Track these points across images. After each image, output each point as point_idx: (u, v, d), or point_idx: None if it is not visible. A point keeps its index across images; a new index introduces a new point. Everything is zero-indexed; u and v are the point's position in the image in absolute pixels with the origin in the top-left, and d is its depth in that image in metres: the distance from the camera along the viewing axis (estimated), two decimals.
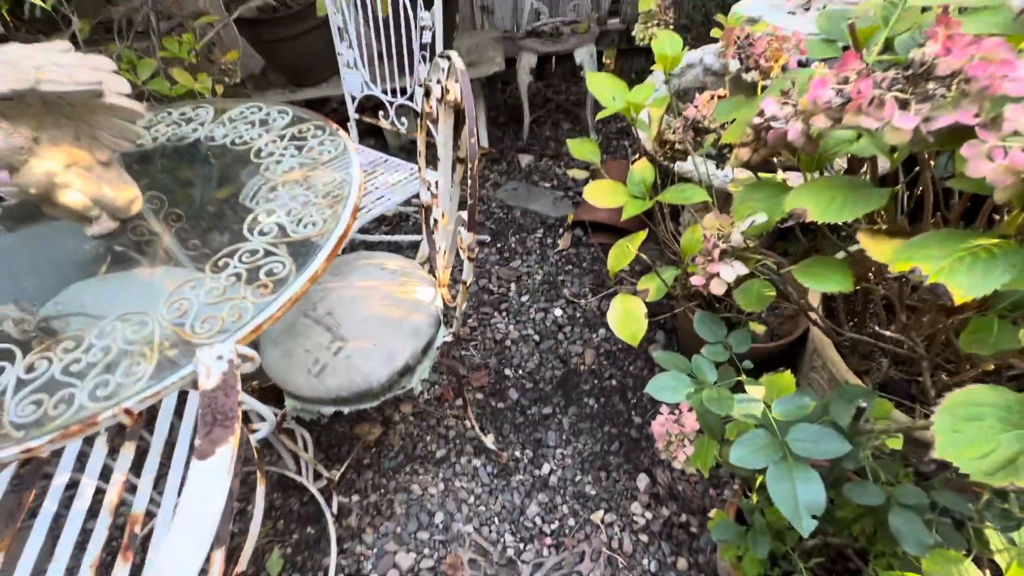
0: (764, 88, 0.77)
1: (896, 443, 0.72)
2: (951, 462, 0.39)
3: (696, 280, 0.64)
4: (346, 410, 0.98)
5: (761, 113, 0.57)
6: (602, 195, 1.16)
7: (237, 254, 0.89)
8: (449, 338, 1.06)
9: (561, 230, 1.99)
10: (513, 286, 1.79)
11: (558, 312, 1.70)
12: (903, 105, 0.42)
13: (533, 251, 1.92)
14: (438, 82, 0.83)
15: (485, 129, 2.41)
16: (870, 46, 0.77)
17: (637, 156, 1.36)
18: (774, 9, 1.47)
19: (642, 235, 1.11)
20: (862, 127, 0.43)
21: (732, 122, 0.72)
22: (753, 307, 0.77)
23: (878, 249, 0.48)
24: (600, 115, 1.17)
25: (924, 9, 0.67)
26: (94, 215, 0.94)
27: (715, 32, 1.25)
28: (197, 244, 0.94)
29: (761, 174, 0.89)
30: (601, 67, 2.82)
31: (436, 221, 1.06)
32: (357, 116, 1.65)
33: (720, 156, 1.37)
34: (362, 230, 1.98)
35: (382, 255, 1.18)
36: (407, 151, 2.36)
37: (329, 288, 1.09)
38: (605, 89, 1.22)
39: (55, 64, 0.80)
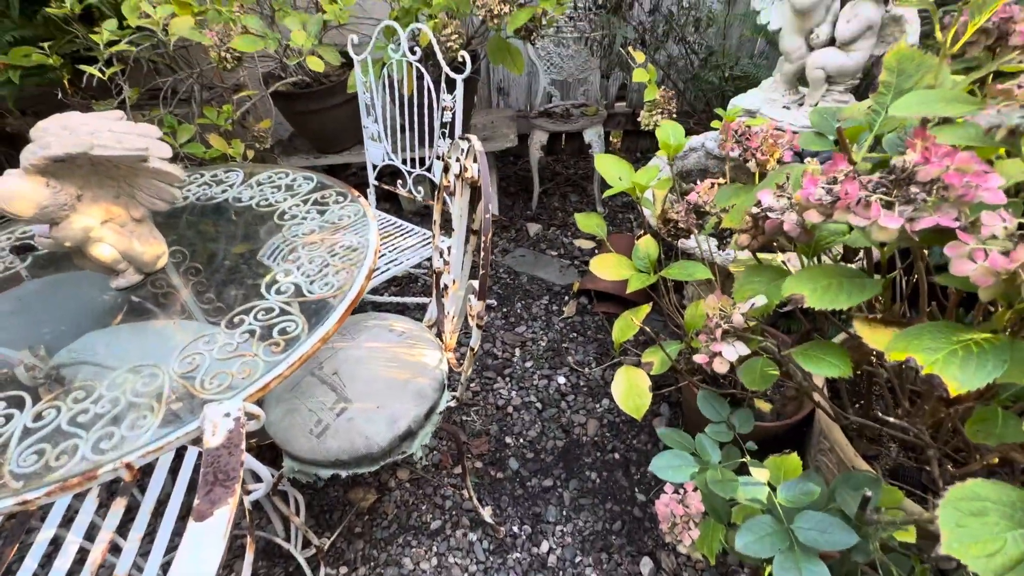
0: (761, 176, 0.82)
1: (907, 535, 0.70)
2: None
3: (699, 358, 0.66)
4: (344, 474, 0.97)
5: (758, 204, 0.61)
6: (608, 268, 1.20)
7: (253, 311, 0.92)
8: (453, 403, 1.06)
9: (567, 298, 2.02)
10: (518, 351, 1.80)
11: (561, 380, 1.69)
12: (887, 206, 0.46)
13: (539, 317, 1.94)
14: (457, 160, 0.89)
15: (496, 198, 2.52)
16: (860, 142, 0.83)
17: (642, 232, 1.42)
18: (770, 103, 1.58)
19: (646, 308, 1.14)
20: (851, 224, 0.46)
21: (732, 207, 0.76)
22: (757, 386, 0.78)
23: (874, 337, 0.49)
24: (607, 193, 1.24)
25: None
26: (121, 268, 0.98)
27: (715, 123, 1.35)
28: (212, 299, 0.97)
29: (761, 255, 0.92)
30: (608, 147, 2.99)
31: (446, 287, 1.09)
32: (377, 183, 1.74)
33: (721, 236, 1.43)
34: (372, 290, 2.02)
35: (391, 316, 1.21)
36: (420, 216, 2.45)
37: (337, 347, 1.11)
38: (612, 169, 1.29)
39: (108, 130, 0.87)
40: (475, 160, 0.81)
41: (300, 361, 0.83)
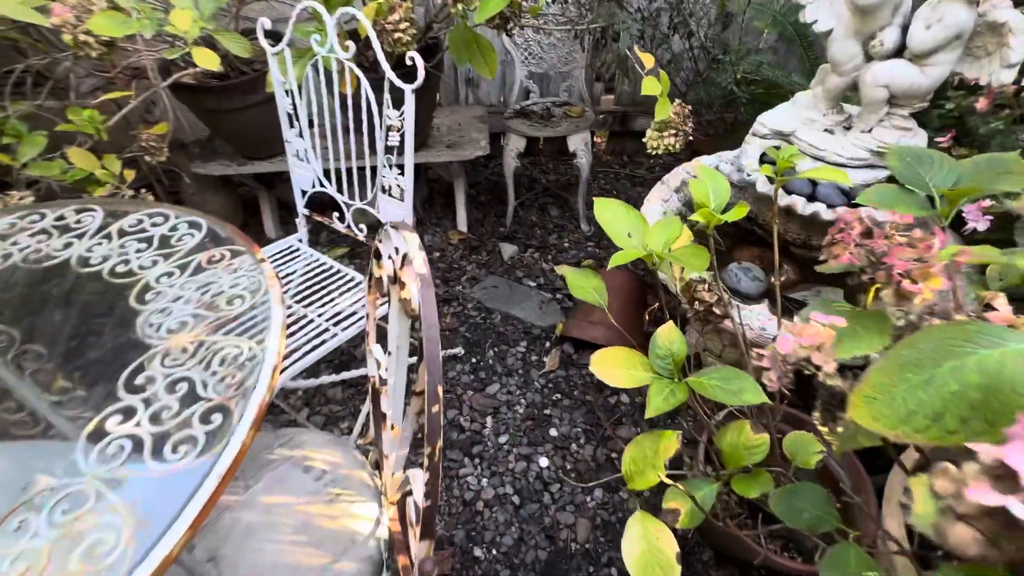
0: (900, 296, 0.50)
1: None
2: None
3: None
4: None
5: (996, 473, 0.29)
6: (614, 368, 0.87)
7: (47, 507, 0.55)
8: None
9: (547, 344, 1.69)
10: (489, 421, 1.47)
11: (544, 462, 1.37)
12: None
13: (515, 371, 1.61)
14: (390, 258, 0.53)
15: (465, 211, 2.14)
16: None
17: (657, 307, 1.10)
18: (807, 124, 1.26)
19: (672, 439, 0.81)
20: None
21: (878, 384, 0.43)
22: None
23: None
24: (614, 260, 0.89)
25: None
26: None
27: (768, 171, 1.00)
28: None
29: None
30: (592, 146, 2.64)
31: (385, 416, 0.74)
32: (307, 212, 1.35)
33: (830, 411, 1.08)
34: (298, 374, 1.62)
35: (309, 439, 0.85)
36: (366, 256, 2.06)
37: (221, 504, 0.75)
38: (617, 222, 0.94)
39: None
40: (415, 278, 0.46)
41: None
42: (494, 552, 1.21)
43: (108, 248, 0.90)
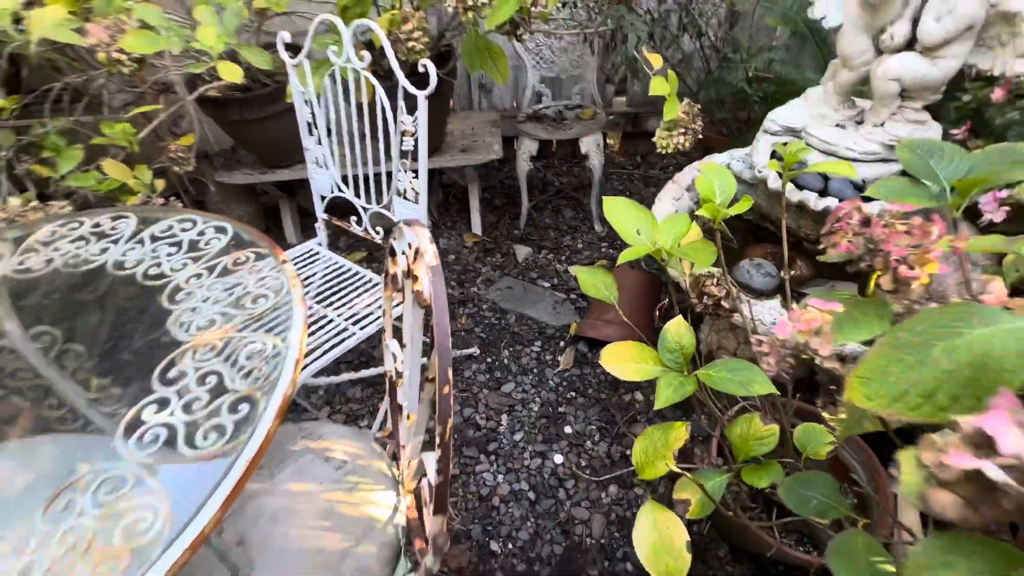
0: (898, 282, 0.51)
1: None
2: None
3: None
4: None
5: (977, 439, 0.30)
6: (624, 362, 0.89)
7: (91, 489, 0.59)
8: None
9: (562, 343, 1.71)
10: (505, 419, 1.49)
11: (558, 459, 1.39)
12: None
13: (529, 370, 1.63)
14: (403, 253, 0.56)
15: (479, 214, 2.18)
16: None
17: (667, 302, 1.11)
18: (818, 120, 1.26)
19: (681, 430, 0.83)
20: None
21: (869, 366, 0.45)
22: None
23: None
24: (623, 257, 0.91)
25: None
26: None
27: (775, 166, 1.02)
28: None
29: None
30: (606, 147, 2.65)
31: (401, 407, 0.77)
32: (326, 217, 1.40)
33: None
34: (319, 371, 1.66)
35: (330, 432, 0.88)
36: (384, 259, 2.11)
37: (247, 492, 0.79)
38: (626, 220, 0.96)
39: None
40: (427, 271, 0.48)
41: None
42: (510, 546, 1.23)
43: (141, 252, 0.96)
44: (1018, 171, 0.75)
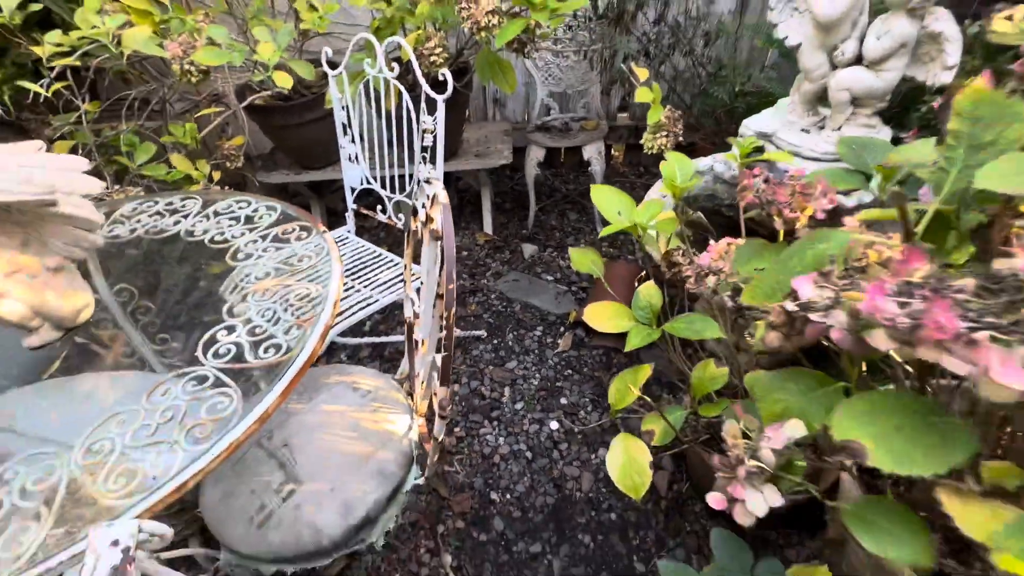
0: (789, 234, 0.68)
1: None
2: None
3: (715, 502, 0.51)
4: (290, 570, 0.82)
5: (794, 295, 0.47)
6: (604, 319, 1.06)
7: (182, 382, 0.78)
8: (421, 481, 0.92)
9: (562, 328, 1.87)
10: (507, 391, 1.66)
11: (554, 425, 1.55)
12: (1000, 341, 0.31)
13: (531, 351, 1.79)
14: (423, 206, 0.75)
15: (490, 216, 2.38)
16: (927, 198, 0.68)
17: (643, 273, 1.28)
18: (787, 126, 1.43)
19: (647, 371, 0.99)
20: (946, 368, 0.32)
21: (753, 277, 0.62)
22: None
23: (968, 518, 0.35)
24: (604, 231, 1.09)
25: None
26: (34, 325, 0.84)
27: (732, 143, 1.20)
28: (161, 344, 0.83)
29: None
30: (610, 161, 2.85)
31: (418, 343, 0.95)
32: (356, 207, 1.61)
33: (740, 310, 1.26)
34: (346, 331, 1.87)
35: (357, 371, 1.07)
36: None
37: (290, 411, 0.97)
38: (610, 203, 1.14)
39: (9, 168, 0.74)
40: (440, 211, 0.67)
41: (229, 450, 0.69)
42: (508, 496, 1.38)
43: (208, 224, 1.17)
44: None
